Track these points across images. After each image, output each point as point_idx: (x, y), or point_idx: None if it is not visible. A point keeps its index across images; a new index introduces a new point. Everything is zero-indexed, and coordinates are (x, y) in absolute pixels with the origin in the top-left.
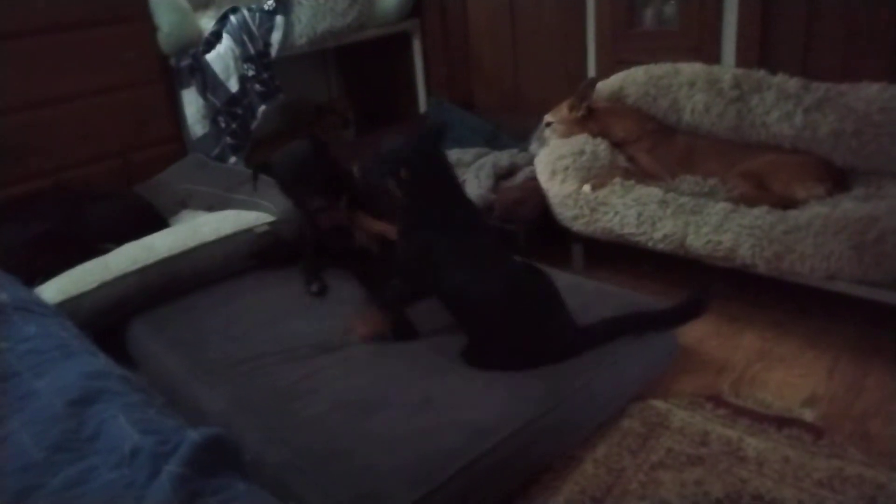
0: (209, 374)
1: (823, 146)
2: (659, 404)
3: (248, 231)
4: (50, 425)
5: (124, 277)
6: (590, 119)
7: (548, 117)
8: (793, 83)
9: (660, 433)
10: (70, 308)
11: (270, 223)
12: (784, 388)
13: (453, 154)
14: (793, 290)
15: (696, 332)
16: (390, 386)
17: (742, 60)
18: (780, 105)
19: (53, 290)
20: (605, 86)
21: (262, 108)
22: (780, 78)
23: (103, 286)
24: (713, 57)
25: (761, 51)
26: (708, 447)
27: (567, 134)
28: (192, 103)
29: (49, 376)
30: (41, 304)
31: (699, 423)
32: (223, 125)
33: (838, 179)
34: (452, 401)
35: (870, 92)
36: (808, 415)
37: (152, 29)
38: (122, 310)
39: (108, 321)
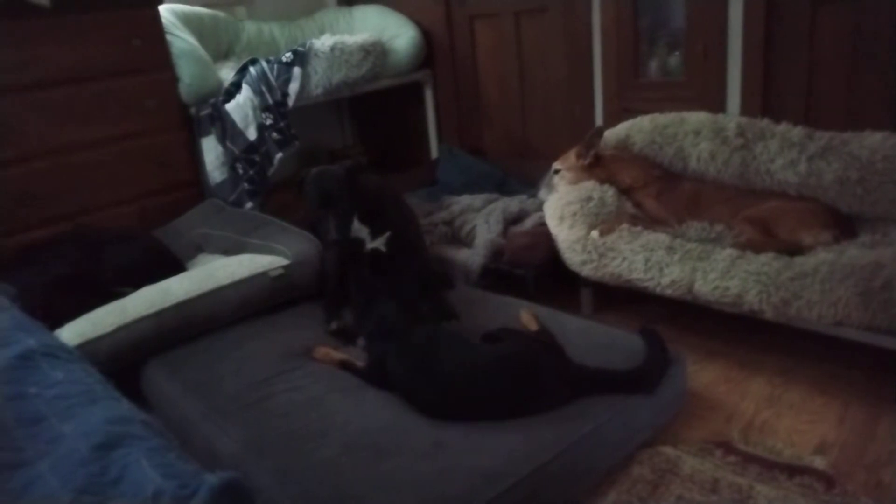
0: (222, 416)
1: (829, 193)
2: (668, 451)
3: (262, 275)
4: (76, 468)
5: (141, 321)
6: (597, 166)
7: (556, 164)
8: (796, 132)
9: (670, 480)
10: (88, 350)
11: (285, 266)
12: (794, 434)
13: (464, 200)
14: (801, 336)
15: (705, 378)
16: (402, 430)
17: (746, 109)
18: (785, 153)
19: (72, 332)
20: (612, 134)
21: (279, 155)
22: (783, 127)
23: (120, 329)
24: (718, 106)
25: (765, 100)
26: (718, 495)
27: (575, 181)
28: (211, 151)
29: (75, 421)
30: (66, 349)
31: (709, 470)
32: (241, 172)
33: (845, 226)
34: (462, 445)
35: (873, 141)
36: (820, 462)
37: (174, 79)
38: (138, 352)
39: (125, 363)
